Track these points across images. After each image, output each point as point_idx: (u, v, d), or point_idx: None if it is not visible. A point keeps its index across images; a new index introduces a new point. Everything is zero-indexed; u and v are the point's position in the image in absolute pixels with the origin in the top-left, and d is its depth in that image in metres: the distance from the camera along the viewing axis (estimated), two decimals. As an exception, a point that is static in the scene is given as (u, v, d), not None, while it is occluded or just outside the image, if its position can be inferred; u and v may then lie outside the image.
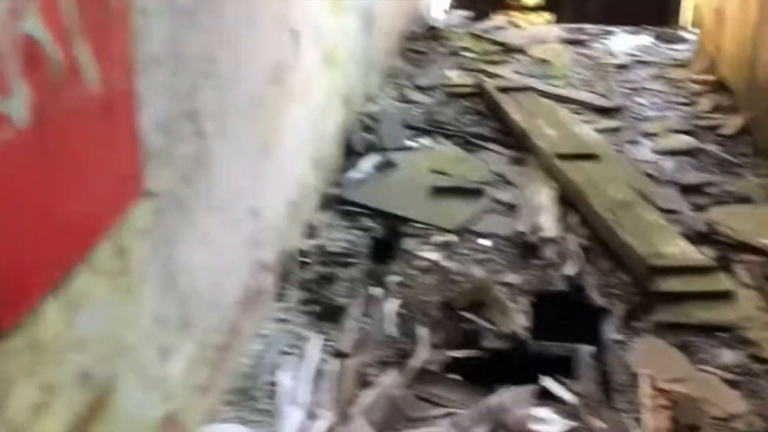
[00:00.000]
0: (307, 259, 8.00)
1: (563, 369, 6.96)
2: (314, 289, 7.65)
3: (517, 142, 9.64)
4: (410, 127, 9.48)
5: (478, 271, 8.09)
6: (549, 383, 6.63)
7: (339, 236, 8.40)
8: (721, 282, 7.69)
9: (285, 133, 5.14)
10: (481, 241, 8.62)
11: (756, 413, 6.32)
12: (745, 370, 6.76)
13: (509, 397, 6.27)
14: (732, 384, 6.66)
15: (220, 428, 5.92)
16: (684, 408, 6.21)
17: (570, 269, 8.05)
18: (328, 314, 7.36)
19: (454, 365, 6.93)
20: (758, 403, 6.42)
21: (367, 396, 6.27)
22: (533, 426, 6.11)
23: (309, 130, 6.95)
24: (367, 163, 8.77)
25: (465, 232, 8.61)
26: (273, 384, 6.33)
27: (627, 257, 7.94)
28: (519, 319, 7.51)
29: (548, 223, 8.53)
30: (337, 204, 8.48)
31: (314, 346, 6.86)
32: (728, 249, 8.27)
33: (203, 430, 5.82)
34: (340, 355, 6.80)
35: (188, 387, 3.62)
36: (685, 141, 9.69)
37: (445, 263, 8.23)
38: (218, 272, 3.95)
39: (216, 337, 4.98)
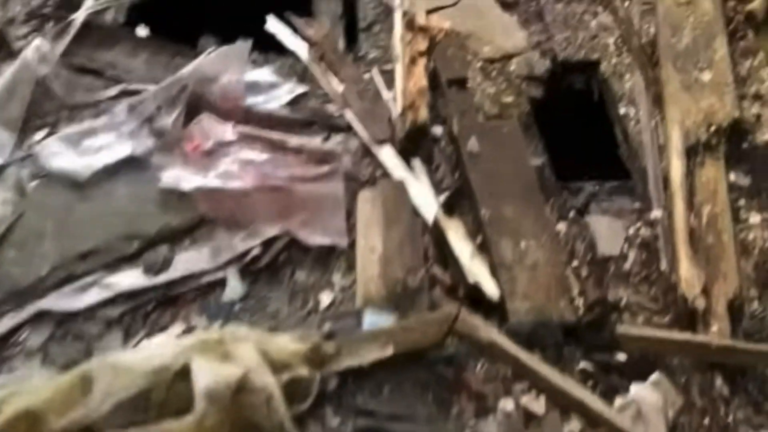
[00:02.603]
0: None
1: (298, 3, 5.00)
2: None
3: None
4: None
5: None
6: (275, 26, 4.68)
7: None
8: None
9: None
10: None
11: (538, 45, 4.71)
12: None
13: (215, 60, 4.32)
14: (508, 5, 4.95)
15: None
16: (446, 53, 4.48)
17: None
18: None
19: (141, 13, 4.80)
20: (540, 31, 4.80)
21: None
22: (249, 98, 4.27)
23: None
24: None
25: None
26: None
27: None
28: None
29: None
30: None
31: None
32: None
33: None
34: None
35: None
36: None
37: None
38: None
39: None
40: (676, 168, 4.03)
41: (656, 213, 3.97)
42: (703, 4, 4.80)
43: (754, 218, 3.98)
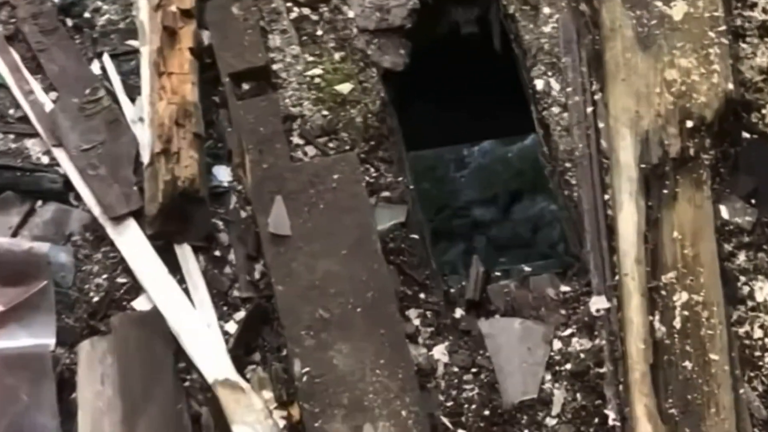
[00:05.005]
0: None
1: None
2: None
3: None
4: None
5: None
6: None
7: None
8: None
9: None
10: None
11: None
12: None
13: None
14: None
15: None
16: (229, 7, 2.55)
17: None
18: None
19: None
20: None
21: None
22: None
23: None
24: None
25: None
26: None
27: None
28: None
29: None
30: None
31: None
32: None
33: None
34: None
35: None
36: None
37: None
38: None
39: None
40: (628, 219, 2.31)
41: (597, 303, 2.31)
42: None
43: (764, 290, 2.33)
